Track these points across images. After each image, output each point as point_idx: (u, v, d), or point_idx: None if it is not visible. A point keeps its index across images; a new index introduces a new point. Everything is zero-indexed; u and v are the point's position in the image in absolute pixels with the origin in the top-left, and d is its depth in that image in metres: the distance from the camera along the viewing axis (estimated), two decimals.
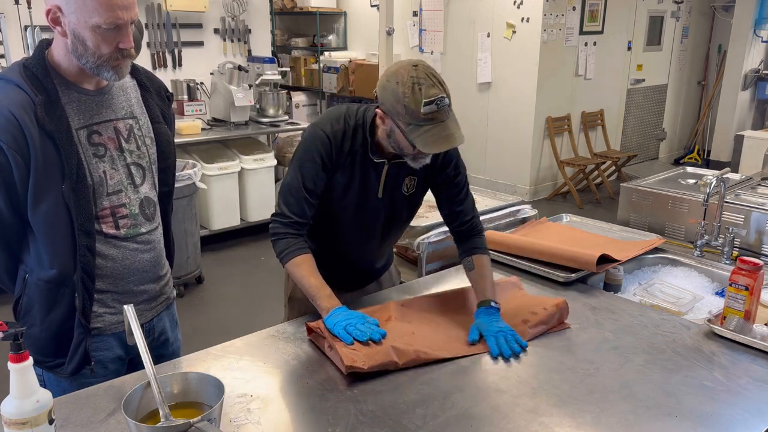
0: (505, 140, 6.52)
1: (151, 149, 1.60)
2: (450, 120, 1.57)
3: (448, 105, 1.55)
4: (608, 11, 6.61)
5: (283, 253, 1.68)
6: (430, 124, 1.53)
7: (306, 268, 1.66)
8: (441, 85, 1.54)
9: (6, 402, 1.11)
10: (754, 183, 2.70)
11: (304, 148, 1.70)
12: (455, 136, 1.56)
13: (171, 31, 5.23)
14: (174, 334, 1.79)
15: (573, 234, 2.39)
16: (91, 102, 1.49)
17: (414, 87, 1.51)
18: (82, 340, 1.51)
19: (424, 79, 1.52)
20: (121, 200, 1.53)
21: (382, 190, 1.75)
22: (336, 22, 7.97)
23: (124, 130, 1.54)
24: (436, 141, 1.54)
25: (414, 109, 1.52)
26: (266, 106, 5.39)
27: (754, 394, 1.45)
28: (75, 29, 1.38)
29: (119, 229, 1.53)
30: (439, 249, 2.36)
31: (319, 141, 1.67)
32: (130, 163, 1.55)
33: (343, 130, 1.68)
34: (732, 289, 1.72)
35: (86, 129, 1.47)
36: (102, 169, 1.49)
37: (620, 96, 7.19)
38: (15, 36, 4.48)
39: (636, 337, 1.70)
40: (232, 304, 4.17)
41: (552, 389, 1.46)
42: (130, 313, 1.32)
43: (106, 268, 1.53)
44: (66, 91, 1.45)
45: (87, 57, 1.40)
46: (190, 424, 1.13)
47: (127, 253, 1.55)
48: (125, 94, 1.57)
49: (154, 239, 1.62)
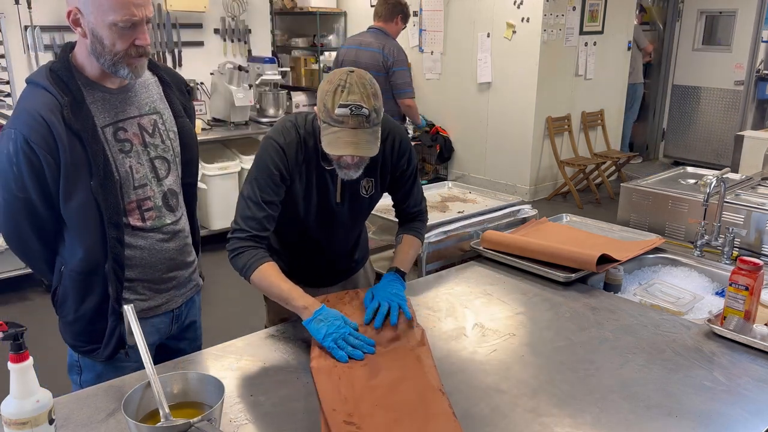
0: (505, 140, 6.52)
1: (174, 142, 1.67)
2: (362, 130, 1.54)
3: (365, 116, 1.52)
4: (608, 11, 6.61)
5: (245, 266, 1.65)
6: (339, 126, 1.53)
7: (271, 274, 1.64)
8: (367, 97, 1.53)
9: (6, 402, 1.11)
10: (754, 183, 2.70)
11: (259, 161, 1.70)
12: (359, 145, 1.54)
13: (171, 31, 5.23)
14: (199, 319, 1.89)
15: (573, 234, 2.39)
16: (115, 100, 1.55)
17: (337, 89, 1.53)
18: (116, 326, 1.59)
19: (352, 85, 1.53)
20: (146, 193, 1.59)
21: (339, 195, 1.78)
22: (336, 22, 7.96)
23: (149, 125, 1.61)
24: (336, 143, 1.54)
25: (329, 108, 1.54)
26: (266, 106, 5.39)
27: (754, 394, 1.45)
28: (93, 28, 1.44)
29: (145, 221, 1.60)
30: (439, 249, 2.36)
31: (274, 152, 1.67)
32: (154, 157, 1.61)
33: (296, 140, 1.69)
34: (732, 289, 1.72)
35: (112, 126, 1.53)
36: (128, 164, 1.55)
37: (620, 96, 7.19)
38: (15, 36, 4.48)
39: (636, 337, 1.70)
40: (232, 304, 4.17)
41: (552, 389, 1.46)
42: (130, 313, 1.32)
43: (135, 258, 1.60)
44: (90, 91, 1.51)
45: (105, 55, 1.46)
46: (190, 424, 1.14)
47: (154, 243, 1.62)
48: (147, 90, 1.63)
49: (178, 229, 1.68)
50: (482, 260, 2.23)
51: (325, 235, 1.85)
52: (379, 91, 1.58)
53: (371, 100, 1.54)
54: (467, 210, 2.58)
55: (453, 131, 7.04)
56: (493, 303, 1.92)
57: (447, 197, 2.81)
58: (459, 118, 6.88)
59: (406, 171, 1.84)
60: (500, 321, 1.80)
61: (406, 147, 1.81)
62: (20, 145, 1.43)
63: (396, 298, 1.70)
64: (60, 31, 4.65)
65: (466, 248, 2.37)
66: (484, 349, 1.64)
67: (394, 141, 1.78)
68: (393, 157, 1.79)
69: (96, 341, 1.62)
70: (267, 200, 1.67)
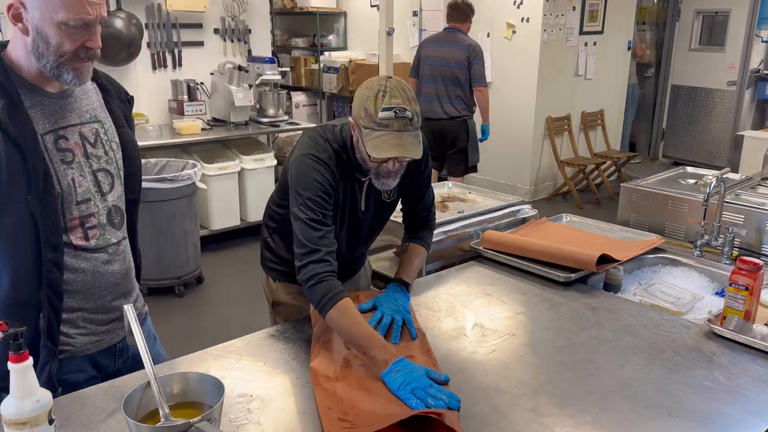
0: (505, 140, 6.51)
1: (117, 154, 1.52)
2: (407, 133, 1.54)
3: (409, 118, 1.52)
4: (608, 11, 6.61)
5: (323, 299, 1.53)
6: (384, 130, 1.52)
7: (353, 314, 1.52)
8: (408, 100, 1.53)
9: (6, 402, 1.11)
10: (754, 183, 2.70)
11: (304, 179, 1.61)
12: (406, 147, 1.53)
13: (171, 31, 5.22)
14: (154, 349, 1.68)
15: (573, 234, 2.39)
16: (55, 105, 1.40)
17: (378, 93, 1.52)
18: (47, 363, 1.41)
19: (392, 89, 1.53)
20: (90, 209, 1.44)
21: (364, 204, 1.76)
22: (336, 22, 7.97)
23: (90, 134, 1.46)
24: (383, 146, 1.52)
25: (372, 113, 1.52)
26: (266, 106, 5.39)
27: (754, 394, 1.45)
28: (38, 25, 1.29)
29: (89, 240, 1.44)
30: (439, 249, 2.36)
31: (321, 168, 1.62)
32: (97, 169, 1.46)
33: (333, 154, 1.65)
34: (732, 289, 1.72)
35: (52, 134, 1.38)
36: (71, 177, 1.40)
37: (620, 96, 7.19)
38: None
39: (636, 337, 1.70)
40: (232, 304, 4.17)
41: (552, 389, 1.46)
42: (130, 313, 1.31)
43: (76, 283, 1.44)
44: (28, 94, 1.36)
45: (48, 56, 1.31)
46: (190, 424, 1.13)
47: (98, 264, 1.47)
48: (88, 97, 1.49)
49: (123, 250, 1.54)
50: (482, 260, 2.23)
51: (344, 244, 1.80)
52: (415, 97, 1.57)
53: (412, 104, 1.54)
54: (467, 210, 2.58)
55: None
56: (493, 303, 1.92)
57: (447, 197, 2.81)
58: None
59: (423, 172, 1.83)
60: (500, 321, 1.80)
61: (425, 148, 1.74)
62: None
63: (401, 311, 1.69)
64: None
65: (466, 248, 2.37)
66: (484, 349, 1.64)
67: None
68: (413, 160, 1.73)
69: None
70: (326, 215, 1.61)
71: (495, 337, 1.71)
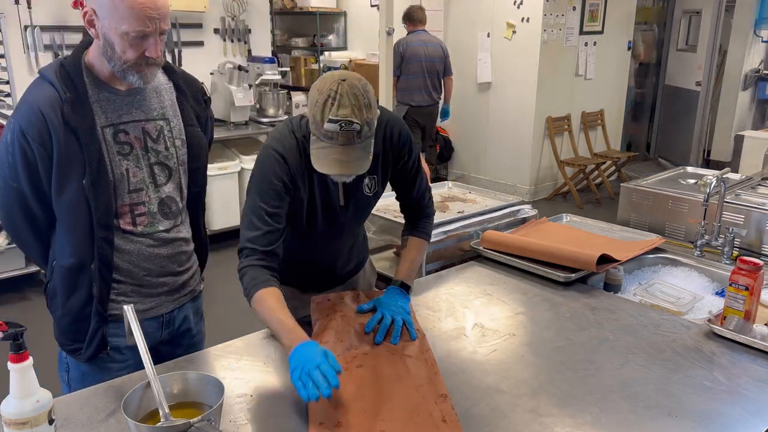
0: (505, 140, 6.52)
1: (180, 150, 1.65)
2: (351, 147, 1.47)
3: (356, 131, 1.44)
4: (608, 11, 6.61)
5: (246, 290, 1.55)
6: (327, 142, 1.47)
7: (267, 302, 1.51)
8: (359, 109, 1.44)
9: (6, 402, 1.11)
10: (754, 183, 2.70)
11: (260, 172, 1.61)
12: (348, 163, 1.48)
13: (171, 30, 5.22)
14: (198, 326, 1.84)
15: (573, 234, 2.39)
16: (120, 102, 1.55)
17: (327, 101, 1.44)
18: (98, 327, 1.58)
19: (342, 96, 1.43)
20: (141, 198, 1.58)
21: (343, 198, 1.71)
22: (336, 22, 7.96)
23: (153, 130, 1.60)
24: (325, 161, 1.48)
25: (318, 122, 1.46)
26: (266, 106, 5.39)
27: (754, 394, 1.45)
28: (106, 33, 1.45)
29: (136, 226, 1.58)
30: (439, 249, 2.36)
31: (275, 161, 1.59)
32: (154, 162, 1.60)
33: (295, 145, 1.61)
34: (732, 289, 1.72)
35: (112, 127, 1.53)
36: (125, 167, 1.54)
37: (620, 96, 7.19)
38: (15, 36, 4.48)
39: (636, 337, 1.70)
40: (232, 304, 4.16)
41: (552, 389, 1.46)
42: (130, 313, 1.32)
43: (122, 262, 1.59)
44: (96, 90, 1.52)
45: (114, 61, 1.47)
46: (190, 424, 1.14)
47: (142, 248, 1.60)
48: (159, 96, 1.63)
49: (173, 237, 1.66)
50: (482, 260, 2.23)
51: (326, 240, 1.79)
52: (373, 101, 1.49)
53: (363, 112, 1.45)
54: (467, 210, 2.58)
55: (453, 131, 7.04)
56: (493, 303, 1.91)
57: (447, 197, 2.81)
58: (459, 118, 6.88)
59: (407, 162, 1.77)
60: (500, 321, 1.80)
61: (405, 138, 1.73)
62: (17, 135, 1.46)
63: (401, 312, 1.68)
64: (60, 31, 4.64)
65: (466, 248, 2.37)
66: (484, 349, 1.64)
67: (392, 132, 1.71)
68: (393, 150, 1.73)
69: (79, 341, 1.61)
70: (270, 213, 1.58)
71: (495, 337, 1.71)
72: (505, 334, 1.72)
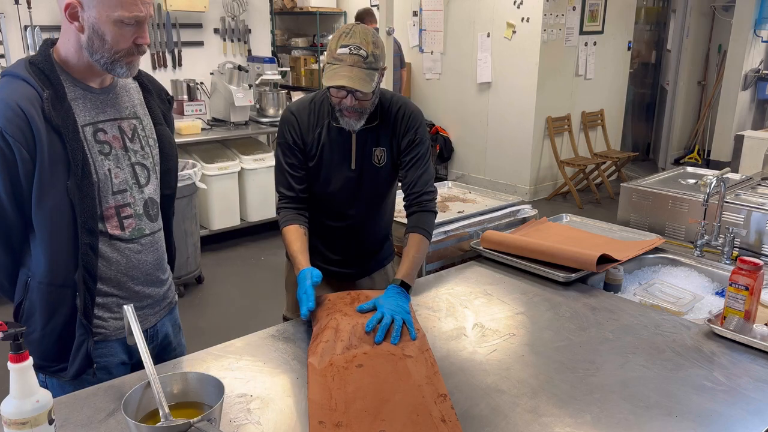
0: (505, 140, 6.52)
1: (154, 150, 1.61)
2: (359, 68, 1.68)
3: (363, 56, 1.68)
4: (608, 11, 6.61)
5: (280, 225, 1.90)
6: (337, 63, 1.69)
7: (286, 237, 1.87)
8: (368, 43, 1.69)
9: (6, 402, 1.11)
10: (754, 183, 2.70)
11: (279, 130, 1.92)
12: (353, 79, 1.67)
13: (171, 31, 5.23)
14: (177, 338, 1.78)
15: (573, 234, 2.39)
16: (96, 100, 1.49)
17: (342, 34, 1.71)
18: (83, 341, 1.49)
19: (355, 32, 1.70)
20: (126, 200, 1.52)
21: (354, 162, 1.89)
22: (336, 22, 7.97)
23: (128, 129, 1.55)
24: (331, 77, 1.69)
25: (332, 50, 1.71)
26: (266, 106, 5.39)
27: (754, 394, 1.45)
28: (95, 24, 1.39)
29: (124, 229, 1.52)
30: (439, 249, 2.36)
31: (286, 120, 1.89)
32: (135, 162, 1.55)
33: (309, 106, 1.89)
34: (732, 289, 1.72)
35: (92, 126, 1.47)
36: (107, 167, 1.48)
37: (620, 96, 7.19)
38: (15, 36, 4.49)
39: (636, 337, 1.70)
40: (232, 304, 4.17)
41: (552, 389, 1.46)
42: (130, 313, 1.32)
43: (109, 272, 1.52)
44: (72, 87, 1.45)
45: (103, 52, 1.42)
46: (190, 424, 1.13)
47: (131, 255, 1.54)
48: (128, 94, 1.58)
49: (156, 241, 1.61)
50: (482, 260, 2.23)
51: (348, 206, 1.95)
52: (381, 45, 1.74)
53: (370, 46, 1.69)
54: (467, 210, 2.58)
55: (453, 131, 7.04)
56: (493, 303, 1.92)
57: (447, 197, 2.81)
58: (459, 118, 6.89)
59: (413, 141, 1.90)
60: (500, 321, 1.80)
61: (416, 119, 1.92)
62: None
63: (400, 311, 1.68)
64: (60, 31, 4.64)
65: (466, 248, 2.37)
66: (484, 349, 1.64)
67: (405, 113, 1.90)
68: (402, 127, 1.89)
69: (65, 359, 1.51)
70: (289, 163, 1.89)
71: (495, 337, 1.71)
72: (505, 334, 1.72)
